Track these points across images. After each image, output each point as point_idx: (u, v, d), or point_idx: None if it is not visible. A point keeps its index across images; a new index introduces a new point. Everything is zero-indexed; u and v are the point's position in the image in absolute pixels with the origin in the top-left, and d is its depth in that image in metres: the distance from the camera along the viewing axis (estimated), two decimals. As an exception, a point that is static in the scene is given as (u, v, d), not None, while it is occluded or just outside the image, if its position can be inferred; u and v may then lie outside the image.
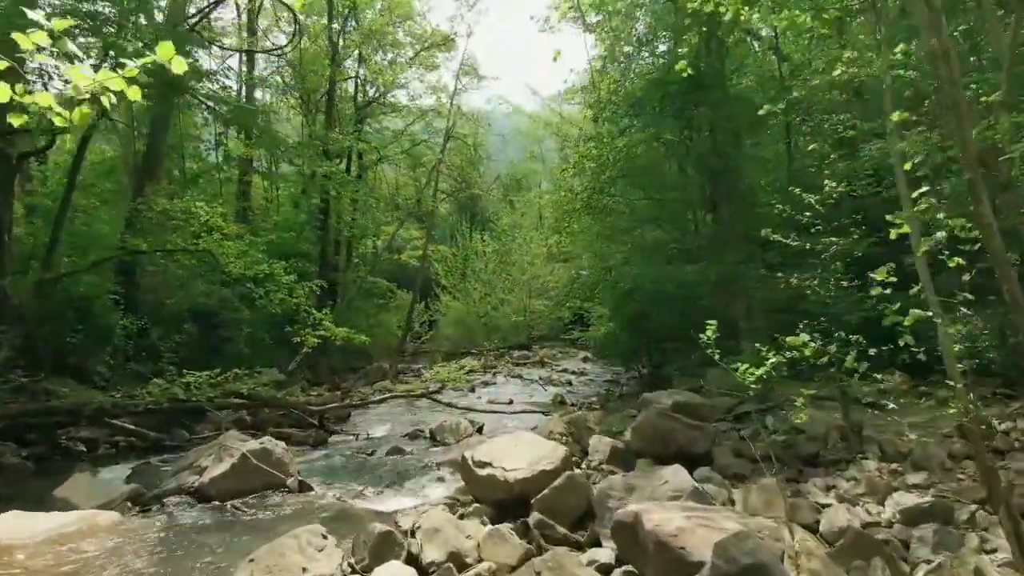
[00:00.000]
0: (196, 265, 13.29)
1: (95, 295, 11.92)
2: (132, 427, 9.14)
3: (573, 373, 19.96)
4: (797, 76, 12.19)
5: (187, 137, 18.09)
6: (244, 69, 20.79)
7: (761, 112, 7.44)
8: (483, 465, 5.06)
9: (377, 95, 22.51)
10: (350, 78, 21.36)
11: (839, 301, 7.49)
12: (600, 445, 7.30)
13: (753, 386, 4.28)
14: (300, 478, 6.29)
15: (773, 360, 4.12)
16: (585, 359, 24.42)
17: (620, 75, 11.44)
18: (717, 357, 4.52)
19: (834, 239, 5.73)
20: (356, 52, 21.53)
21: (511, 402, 13.86)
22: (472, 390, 15.82)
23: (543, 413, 11.23)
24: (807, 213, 5.95)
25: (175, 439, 9.56)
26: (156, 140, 14.83)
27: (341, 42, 20.98)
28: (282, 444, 6.35)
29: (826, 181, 6.11)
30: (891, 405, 5.81)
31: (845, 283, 5.88)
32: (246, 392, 9.44)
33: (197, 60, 12.23)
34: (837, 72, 11.63)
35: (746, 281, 8.70)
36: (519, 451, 5.14)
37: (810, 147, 11.81)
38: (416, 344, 27.01)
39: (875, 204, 9.73)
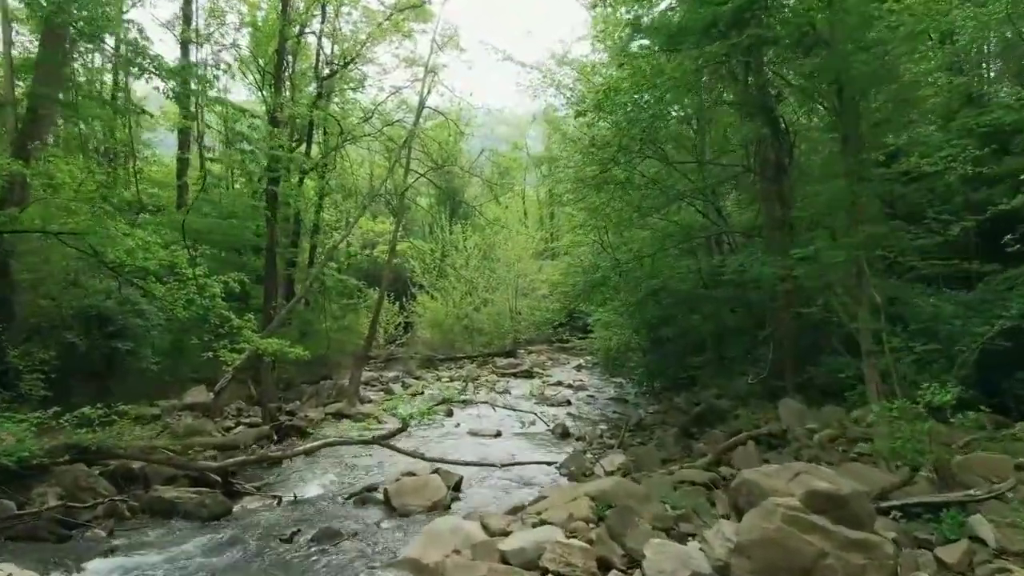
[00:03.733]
0: (77, 253, 9.86)
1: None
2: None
3: (569, 387, 17.06)
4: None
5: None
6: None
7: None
8: None
9: (343, 63, 19.18)
10: (305, 33, 17.94)
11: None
12: (665, 560, 4.18)
13: None
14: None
15: None
16: (579, 367, 21.56)
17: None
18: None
19: None
20: (317, 17, 18.21)
21: (499, 434, 10.74)
22: (449, 413, 12.64)
23: (547, 463, 8.00)
24: None
25: (-7, 515, 6.26)
26: (42, 96, 11.40)
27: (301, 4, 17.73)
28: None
29: None
30: None
31: None
32: (93, 445, 6.09)
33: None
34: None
35: (869, 275, 5.67)
36: None
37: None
38: (389, 350, 23.92)
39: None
